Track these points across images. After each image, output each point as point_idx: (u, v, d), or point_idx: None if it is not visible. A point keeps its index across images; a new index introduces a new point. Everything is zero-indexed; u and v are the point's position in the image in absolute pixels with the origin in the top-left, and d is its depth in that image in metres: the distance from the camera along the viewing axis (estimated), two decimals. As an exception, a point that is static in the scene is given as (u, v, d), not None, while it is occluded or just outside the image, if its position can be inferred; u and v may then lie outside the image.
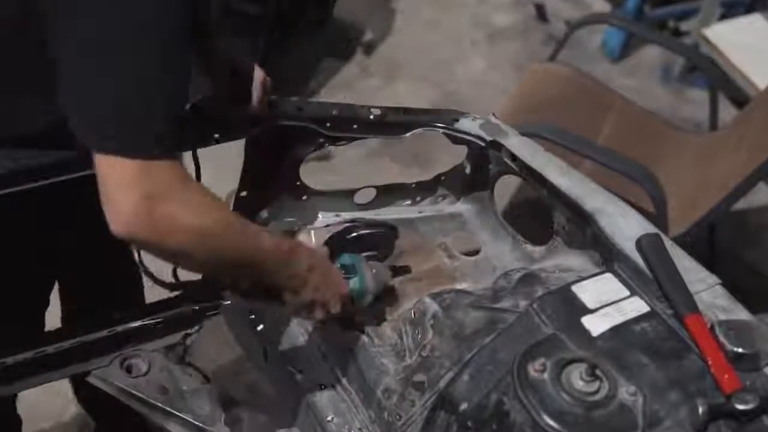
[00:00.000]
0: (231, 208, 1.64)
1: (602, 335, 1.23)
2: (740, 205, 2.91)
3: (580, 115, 2.60)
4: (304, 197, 1.68)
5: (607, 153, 2.25)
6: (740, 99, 3.16)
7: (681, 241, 1.71)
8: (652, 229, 1.45)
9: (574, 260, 1.48)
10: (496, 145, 1.61)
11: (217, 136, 1.50)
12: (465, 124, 1.65)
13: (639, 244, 1.36)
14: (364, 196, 1.73)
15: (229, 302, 1.55)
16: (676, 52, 3.08)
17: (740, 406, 1.14)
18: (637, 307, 1.28)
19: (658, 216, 2.13)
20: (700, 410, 1.14)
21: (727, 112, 3.09)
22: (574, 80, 2.71)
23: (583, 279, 1.33)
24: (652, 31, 3.21)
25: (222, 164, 1.71)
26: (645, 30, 3.04)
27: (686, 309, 1.26)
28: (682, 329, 1.25)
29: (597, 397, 1.14)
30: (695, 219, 2.22)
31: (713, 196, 2.23)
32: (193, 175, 1.47)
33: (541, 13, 3.77)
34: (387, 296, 1.51)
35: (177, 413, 1.43)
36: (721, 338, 1.22)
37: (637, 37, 3.61)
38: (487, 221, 1.70)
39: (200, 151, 1.54)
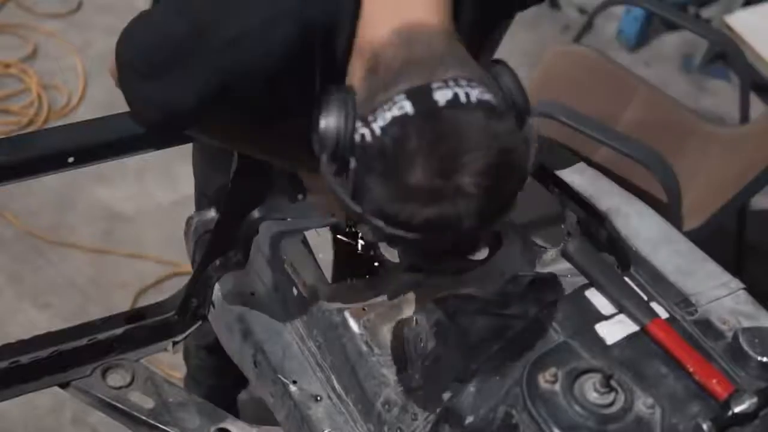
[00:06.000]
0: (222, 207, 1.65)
1: (617, 343, 1.23)
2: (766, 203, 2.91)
3: (601, 100, 2.61)
4: (300, 197, 1.68)
5: (619, 137, 2.26)
6: (766, 91, 3.16)
7: (696, 236, 1.72)
8: (670, 230, 1.45)
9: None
10: (504, 140, 1.61)
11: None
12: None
13: (566, 252, 1.35)
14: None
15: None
16: (704, 36, 3.01)
17: (740, 408, 1.13)
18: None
19: (671, 206, 2.15)
20: (705, 428, 1.13)
21: (752, 105, 3.09)
22: (598, 64, 2.72)
23: (597, 283, 1.32)
24: (681, 14, 3.15)
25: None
26: (672, 11, 2.99)
27: (645, 316, 1.25)
28: (705, 337, 1.25)
29: (612, 409, 1.14)
30: (711, 213, 2.24)
31: (730, 191, 2.25)
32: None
33: (553, 0, 3.78)
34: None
35: (163, 427, 1.43)
36: (745, 347, 1.21)
37: (654, 26, 3.61)
38: (494, 222, 1.70)
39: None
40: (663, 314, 1.27)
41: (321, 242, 1.64)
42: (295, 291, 1.54)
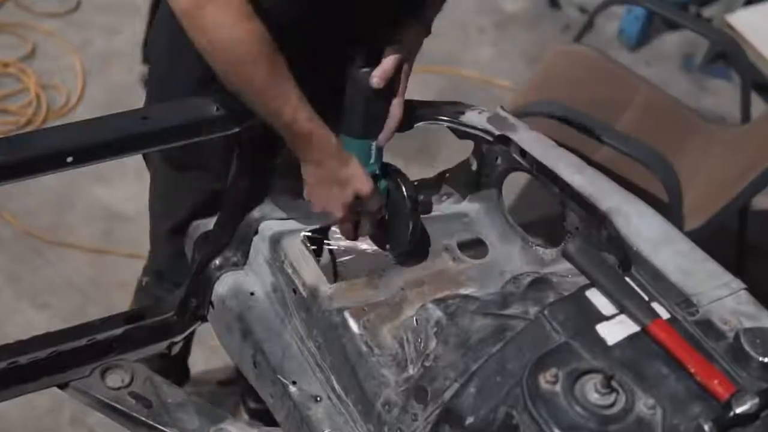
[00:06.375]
0: (222, 206, 1.65)
1: (618, 344, 1.22)
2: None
3: (602, 100, 2.62)
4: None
5: (620, 137, 2.27)
6: (767, 90, 3.17)
7: (697, 236, 1.73)
8: (671, 229, 1.45)
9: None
10: (505, 140, 1.61)
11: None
12: (471, 117, 1.65)
13: (567, 252, 1.35)
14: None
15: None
16: (705, 35, 3.01)
17: (742, 409, 1.13)
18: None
19: (672, 206, 2.15)
20: (706, 428, 1.13)
21: (753, 105, 3.10)
22: (598, 63, 2.73)
23: (598, 283, 1.32)
24: (682, 13, 3.14)
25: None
26: (673, 11, 2.99)
27: (646, 316, 1.25)
28: (706, 337, 1.25)
29: (613, 410, 1.14)
30: (712, 213, 2.24)
31: (731, 190, 2.25)
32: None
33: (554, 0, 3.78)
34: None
35: (162, 428, 1.43)
36: (747, 347, 1.21)
37: (655, 25, 3.61)
38: (494, 222, 1.70)
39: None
40: (664, 314, 1.27)
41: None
42: (295, 291, 1.54)
